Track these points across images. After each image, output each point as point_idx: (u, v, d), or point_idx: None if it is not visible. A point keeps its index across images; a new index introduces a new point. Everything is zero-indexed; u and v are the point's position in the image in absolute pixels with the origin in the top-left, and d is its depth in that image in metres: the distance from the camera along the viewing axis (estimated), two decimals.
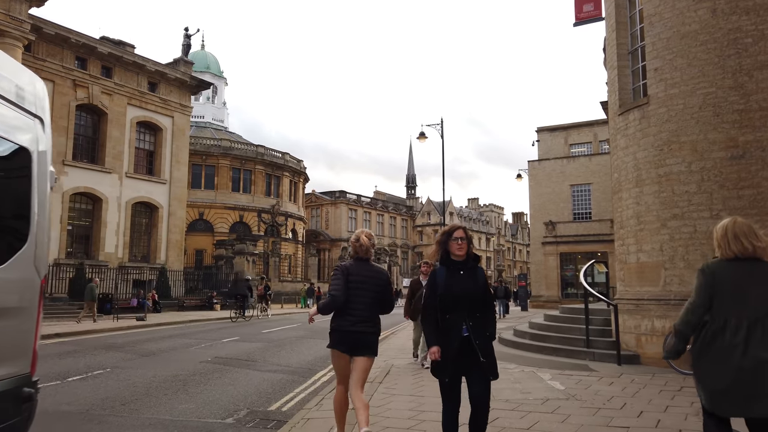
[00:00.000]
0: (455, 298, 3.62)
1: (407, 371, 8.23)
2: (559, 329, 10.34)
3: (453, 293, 3.63)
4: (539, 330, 10.88)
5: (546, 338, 10.12)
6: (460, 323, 3.58)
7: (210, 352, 10.45)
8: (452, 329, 3.59)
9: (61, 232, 25.93)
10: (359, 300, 4.04)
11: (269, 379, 7.82)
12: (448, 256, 3.76)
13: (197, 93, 34.15)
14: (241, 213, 46.74)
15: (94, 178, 27.36)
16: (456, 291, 3.63)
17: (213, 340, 12.72)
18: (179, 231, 31.36)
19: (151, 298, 25.96)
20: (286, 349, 11.37)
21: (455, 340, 3.56)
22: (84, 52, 27.08)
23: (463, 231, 3.84)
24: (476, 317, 3.62)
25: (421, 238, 79.07)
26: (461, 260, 3.74)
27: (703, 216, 8.00)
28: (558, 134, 39.65)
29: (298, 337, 13.79)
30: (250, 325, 18.11)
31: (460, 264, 3.73)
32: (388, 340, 13.27)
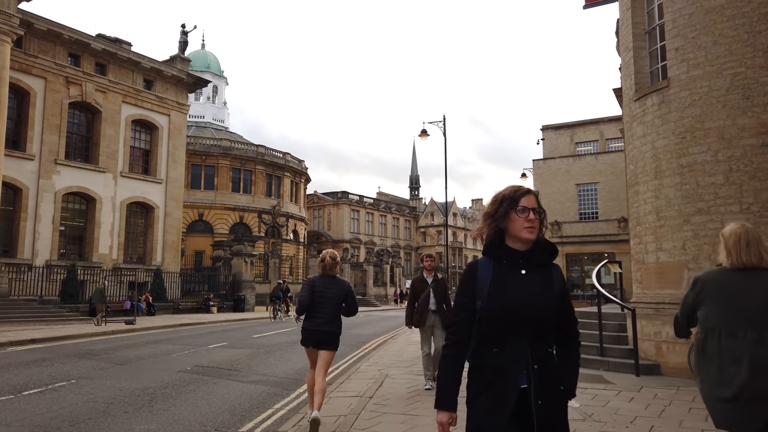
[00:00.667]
0: (511, 316, 2.03)
1: (402, 384, 7.43)
2: None
3: (507, 308, 2.04)
4: None
5: None
6: (517, 365, 2.01)
7: (191, 360, 9.68)
8: (501, 376, 2.01)
9: (53, 233, 25.27)
10: (323, 307, 5.17)
11: (249, 393, 7.04)
12: (502, 241, 2.15)
13: (194, 91, 33.46)
14: (241, 214, 46.07)
15: (88, 177, 26.70)
16: (513, 304, 2.04)
17: (199, 345, 11.95)
18: (176, 232, 30.66)
19: (146, 300, 25.26)
20: (274, 356, 10.59)
21: (506, 399, 1.98)
22: (77, 49, 26.43)
23: (536, 199, 2.19)
24: (545, 355, 2.05)
25: (425, 239, 78.22)
26: (526, 249, 2.12)
27: (732, 210, 7.18)
28: (563, 133, 38.80)
29: (290, 343, 13.01)
30: (241, 329, 17.34)
31: (524, 256, 2.11)
32: (385, 345, 12.47)
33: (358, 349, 12.22)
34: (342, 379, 7.74)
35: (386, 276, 54.09)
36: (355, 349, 12.23)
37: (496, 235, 2.15)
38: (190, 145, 44.99)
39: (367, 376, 7.94)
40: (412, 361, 9.47)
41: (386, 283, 53.25)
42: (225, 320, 21.79)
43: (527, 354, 2.01)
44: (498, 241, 2.15)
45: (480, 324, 2.07)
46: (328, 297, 5.21)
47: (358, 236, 65.88)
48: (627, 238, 36.15)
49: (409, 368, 8.69)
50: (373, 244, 66.98)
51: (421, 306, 7.09)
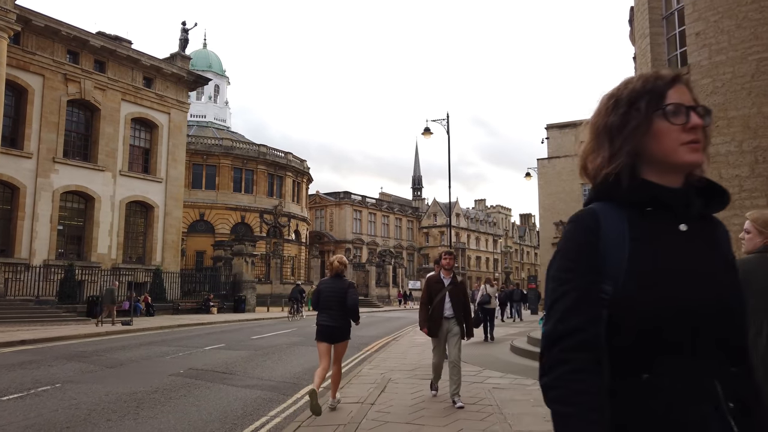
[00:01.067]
0: (686, 312, 1.05)
1: (406, 390, 6.99)
2: None
3: (673, 300, 1.05)
4: None
5: None
6: (708, 400, 1.04)
7: (185, 363, 9.26)
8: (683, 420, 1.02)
9: (51, 232, 24.91)
10: (331, 304, 5.80)
11: (243, 398, 6.62)
12: (633, 175, 1.14)
13: (195, 89, 33.10)
14: (242, 214, 45.73)
15: (87, 176, 26.34)
16: (683, 291, 1.06)
17: (195, 347, 11.53)
18: (176, 231, 30.29)
19: (144, 301, 24.89)
20: (272, 358, 10.17)
21: None
22: (76, 46, 26.10)
23: (689, 90, 1.17)
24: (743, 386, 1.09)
25: (427, 240, 77.78)
26: (682, 186, 1.14)
27: (758, 204, 6.72)
28: (568, 131, 38.33)
29: (290, 344, 12.59)
30: (240, 330, 16.93)
31: (683, 199, 1.13)
32: (388, 347, 12.03)
33: (360, 351, 11.78)
34: (342, 383, 7.30)
35: (389, 277, 53.66)
36: (356, 351, 11.80)
37: (626, 165, 1.14)
38: (192, 144, 44.70)
39: (369, 381, 7.51)
40: (416, 365, 9.04)
41: (389, 283, 52.81)
42: (224, 321, 21.40)
43: (714, 386, 1.05)
44: (630, 173, 1.14)
45: (610, 329, 1.06)
46: (334, 296, 5.83)
47: (360, 237, 65.48)
48: None
49: (413, 372, 8.25)
50: (375, 245, 66.60)
51: (435, 311, 6.13)
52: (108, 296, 19.42)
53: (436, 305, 6.17)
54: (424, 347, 11.72)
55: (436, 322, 6.15)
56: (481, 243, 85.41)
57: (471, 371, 8.21)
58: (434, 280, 6.32)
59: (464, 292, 6.44)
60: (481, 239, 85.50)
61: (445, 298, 6.16)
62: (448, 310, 6.16)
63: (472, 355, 10.33)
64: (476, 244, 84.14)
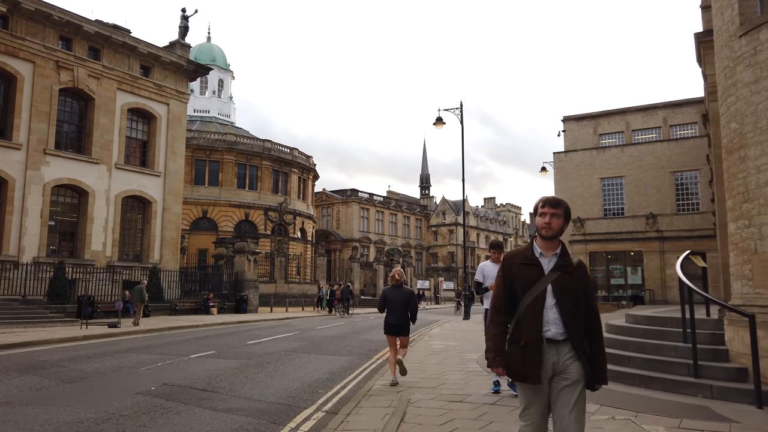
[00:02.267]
0: None
1: (432, 416, 5.40)
2: (639, 347, 7.40)
3: None
4: (608, 347, 7.96)
5: (623, 360, 7.21)
6: None
7: (161, 376, 7.72)
8: None
9: (42, 228, 23.51)
10: (395, 307, 7.51)
11: (219, 429, 5.06)
12: None
13: (195, 79, 31.65)
14: (246, 211, 44.40)
15: (80, 168, 24.96)
16: None
17: (179, 355, 10.00)
18: (175, 228, 28.86)
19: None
20: (266, 369, 8.61)
21: None
22: (69, 32, 24.71)
23: None
24: None
25: (436, 239, 76.18)
26: None
27: None
28: (586, 123, 36.55)
29: (290, 351, 11.04)
30: (236, 333, 15.39)
31: None
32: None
33: (369, 359, 10.22)
34: (349, 408, 5.74)
35: None
36: (365, 359, 10.24)
37: None
38: (194, 139, 43.43)
39: (382, 404, 5.93)
40: (439, 380, 7.45)
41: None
42: (222, 323, 19.94)
43: None
44: None
45: None
46: (397, 301, 7.45)
47: (367, 235, 63.98)
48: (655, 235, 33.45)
49: (436, 391, 6.66)
50: (383, 244, 65.06)
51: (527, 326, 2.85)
52: (137, 295, 19.20)
53: (525, 314, 2.86)
54: (446, 355, 10.15)
55: (529, 352, 2.83)
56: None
57: (507, 389, 6.59)
58: (520, 259, 2.98)
59: (586, 287, 2.98)
60: (491, 238, 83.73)
61: (545, 299, 2.85)
62: (555, 324, 2.84)
63: None
64: (486, 242, 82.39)
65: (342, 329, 17.74)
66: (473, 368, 8.43)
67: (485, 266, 6.64)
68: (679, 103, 34.30)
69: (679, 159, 31.84)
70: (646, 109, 35.15)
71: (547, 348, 2.78)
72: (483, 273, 6.60)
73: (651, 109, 34.90)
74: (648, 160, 32.60)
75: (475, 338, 13.98)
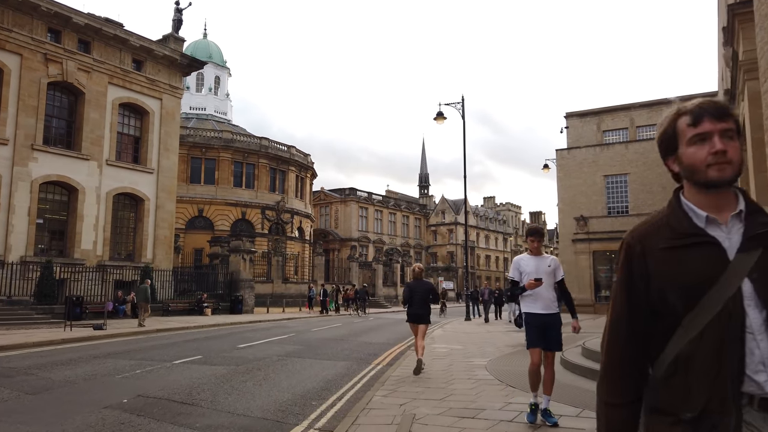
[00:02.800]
0: None
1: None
2: None
3: None
4: None
5: None
6: None
7: (137, 386, 6.97)
8: None
9: (30, 226, 22.74)
10: (416, 298, 8.29)
11: None
12: None
13: (189, 73, 30.86)
14: (243, 210, 43.61)
15: (69, 165, 24.17)
16: None
17: (162, 361, 9.24)
18: (168, 226, 28.09)
19: (131, 301, 22.69)
20: (256, 377, 7.86)
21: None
22: (57, 23, 23.93)
23: None
24: None
25: (435, 238, 75.43)
26: None
27: None
28: (589, 120, 35.84)
29: (283, 356, 10.28)
30: (228, 336, 14.61)
31: None
32: (404, 360, 9.68)
33: (368, 365, 9.46)
34: (345, 425, 4.99)
35: (396, 276, 51.33)
36: (363, 365, 9.48)
37: None
38: (190, 137, 42.63)
39: (384, 419, 5.19)
40: (446, 390, 6.70)
41: (396, 283, 50.47)
42: (215, 324, 19.19)
43: None
44: None
45: None
46: (418, 292, 8.31)
47: (366, 234, 63.23)
48: None
49: (444, 404, 5.91)
50: (382, 243, 64.31)
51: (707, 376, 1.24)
52: (141, 295, 18.97)
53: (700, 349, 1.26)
54: (451, 360, 9.41)
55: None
56: (491, 241, 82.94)
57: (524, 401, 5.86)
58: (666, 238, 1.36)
59: None
60: (491, 237, 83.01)
61: (742, 314, 1.25)
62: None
63: (511, 372, 7.99)
64: (486, 242, 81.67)
65: (340, 331, 17.00)
66: (483, 376, 7.69)
67: (521, 260, 5.32)
68: (685, 99, 33.46)
69: None
70: (651, 105, 34.42)
71: (760, 418, 1.24)
72: (519, 268, 5.24)
73: (656, 105, 34.17)
74: (653, 157, 31.85)
75: (479, 340, 13.25)
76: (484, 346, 11.93)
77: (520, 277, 5.19)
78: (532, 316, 5.07)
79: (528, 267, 5.17)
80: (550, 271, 5.15)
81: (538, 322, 5.04)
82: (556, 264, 5.31)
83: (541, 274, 5.05)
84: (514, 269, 5.28)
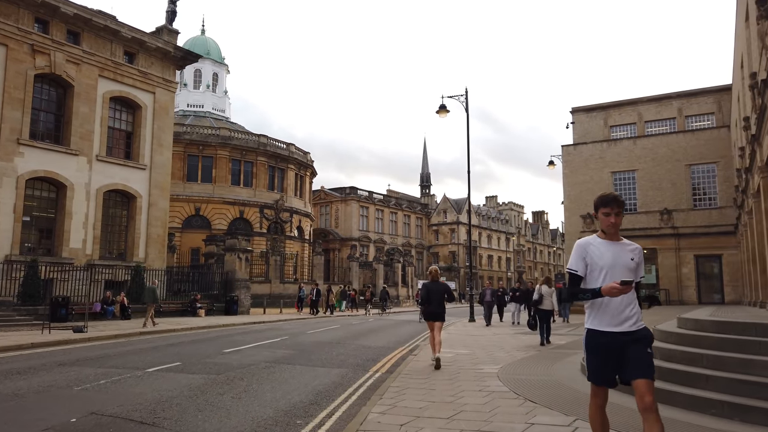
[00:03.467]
0: None
1: None
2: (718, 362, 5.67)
3: None
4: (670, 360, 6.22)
5: (695, 379, 5.50)
6: None
7: (94, 400, 6.00)
8: None
9: (15, 224, 21.79)
10: (434, 299, 9.00)
11: None
12: None
13: (183, 66, 29.95)
14: (241, 208, 42.74)
15: (58, 160, 23.24)
16: None
17: (135, 368, 8.28)
18: (161, 224, 27.14)
19: (120, 302, 21.77)
20: (236, 389, 6.88)
21: None
22: (45, 13, 23.01)
23: None
24: None
25: (437, 238, 74.46)
26: None
27: None
28: (596, 115, 34.88)
29: (271, 362, 9.31)
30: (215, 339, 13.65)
31: None
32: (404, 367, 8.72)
33: (365, 373, 8.49)
34: None
35: (397, 276, 50.38)
36: (360, 372, 8.51)
37: None
38: (187, 134, 41.74)
39: None
40: (455, 404, 5.72)
41: (397, 283, 49.52)
42: (206, 326, 18.25)
43: None
44: None
45: None
46: (435, 292, 9.05)
47: (367, 234, 62.30)
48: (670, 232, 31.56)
49: (453, 423, 4.94)
50: (383, 243, 63.36)
51: None
52: (150, 295, 18.77)
53: None
54: (457, 367, 8.43)
55: None
56: (493, 241, 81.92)
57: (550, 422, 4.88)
58: None
59: None
60: (493, 237, 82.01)
61: None
62: None
63: (529, 383, 7.02)
64: (488, 242, 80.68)
65: (337, 333, 16.04)
66: (496, 387, 6.71)
67: (590, 245, 3.36)
68: (694, 93, 32.62)
69: (696, 151, 30.18)
70: (660, 99, 33.46)
71: None
72: (585, 258, 3.33)
73: (665, 99, 33.22)
74: (662, 153, 30.92)
75: (487, 344, 12.28)
76: (493, 350, 10.96)
77: (586, 271, 3.32)
78: (597, 336, 3.27)
79: (601, 258, 3.27)
80: (633, 266, 3.31)
81: (608, 345, 3.22)
82: (641, 256, 3.41)
83: (620, 270, 3.22)
84: (578, 258, 3.34)
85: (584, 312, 3.46)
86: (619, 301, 3.19)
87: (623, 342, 3.18)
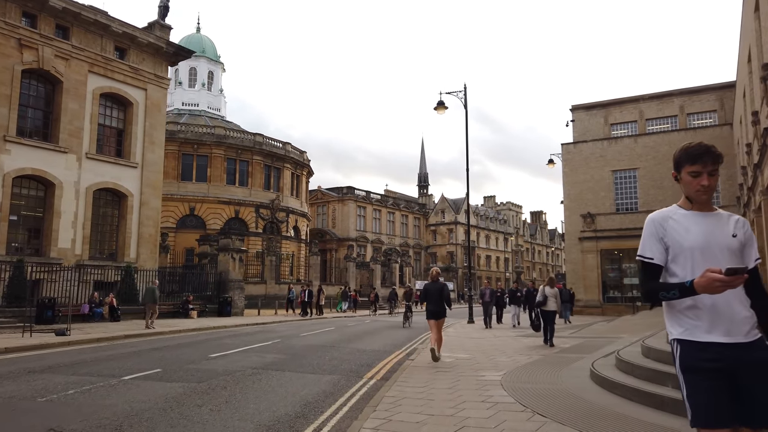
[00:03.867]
0: None
1: None
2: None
3: None
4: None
5: None
6: None
7: (55, 414, 5.43)
8: None
9: (1, 223, 21.20)
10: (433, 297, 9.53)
11: None
12: None
13: (176, 62, 29.32)
14: (236, 208, 42.10)
15: (46, 158, 22.64)
16: None
17: (109, 376, 7.69)
18: (153, 224, 26.53)
19: (109, 303, 21.16)
20: (216, 399, 6.31)
21: None
22: (33, 7, 22.41)
23: None
24: None
25: (435, 238, 73.89)
26: None
27: None
28: (596, 113, 34.34)
29: (259, 368, 8.73)
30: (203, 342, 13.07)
31: None
32: (401, 374, 8.16)
33: (359, 379, 7.93)
34: None
35: (395, 276, 49.81)
36: (353, 379, 7.95)
37: None
38: (181, 133, 41.11)
39: None
40: (456, 417, 5.16)
41: (395, 283, 48.94)
42: (197, 328, 17.66)
43: None
44: None
45: None
46: (434, 292, 9.55)
47: (364, 234, 61.69)
48: None
49: None
50: (380, 243, 62.77)
51: None
52: (149, 295, 18.34)
53: None
54: (457, 374, 7.86)
55: None
56: (491, 241, 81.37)
57: None
58: None
59: None
60: (491, 237, 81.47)
61: None
62: None
63: (536, 393, 6.46)
64: (486, 242, 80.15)
65: (331, 336, 15.47)
66: (500, 397, 6.15)
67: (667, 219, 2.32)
68: (696, 90, 32.09)
69: None
70: (661, 97, 32.94)
71: None
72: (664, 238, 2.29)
73: (666, 97, 32.71)
74: (664, 151, 30.37)
75: (488, 347, 11.72)
76: (495, 354, 10.41)
77: (666, 257, 2.27)
78: (698, 350, 2.16)
79: (688, 235, 2.24)
80: (736, 245, 2.25)
81: (716, 364, 2.12)
82: (749, 231, 2.32)
83: (718, 251, 2.20)
84: (652, 240, 2.31)
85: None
86: (731, 299, 2.12)
87: (735, 359, 2.10)
